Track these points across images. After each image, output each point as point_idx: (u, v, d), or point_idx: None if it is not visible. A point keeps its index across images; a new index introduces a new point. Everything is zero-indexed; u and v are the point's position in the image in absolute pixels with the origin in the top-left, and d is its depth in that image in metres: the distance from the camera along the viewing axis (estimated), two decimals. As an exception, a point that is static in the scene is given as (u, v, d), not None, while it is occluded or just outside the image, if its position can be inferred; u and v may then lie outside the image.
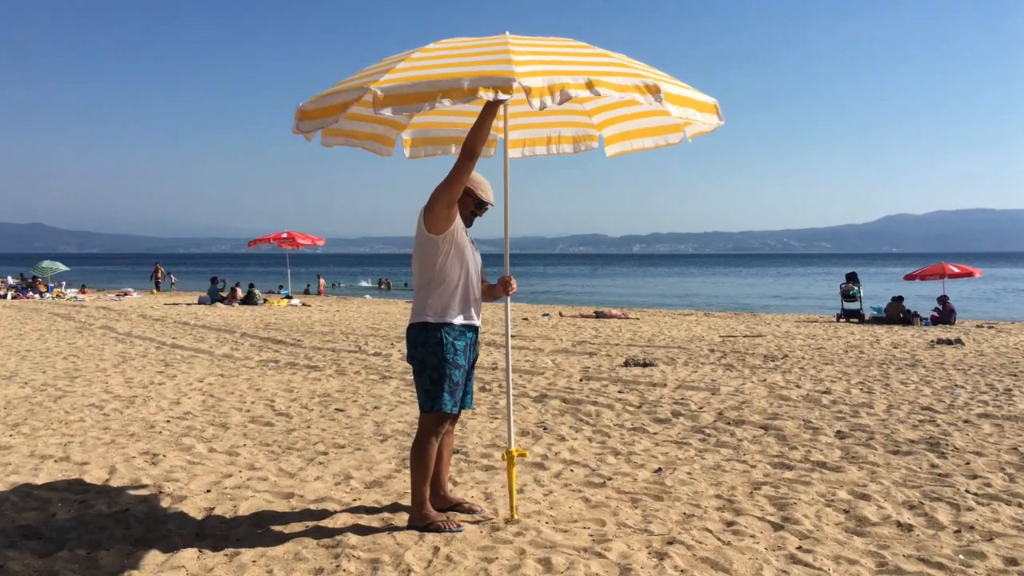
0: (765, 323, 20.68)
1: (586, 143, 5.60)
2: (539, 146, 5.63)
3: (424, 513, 4.33)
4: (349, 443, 6.35)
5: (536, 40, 4.29)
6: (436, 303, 4.29)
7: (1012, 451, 6.07)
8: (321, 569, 3.76)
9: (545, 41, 4.31)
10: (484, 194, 4.42)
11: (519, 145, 5.58)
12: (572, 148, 5.64)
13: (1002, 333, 17.35)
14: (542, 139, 5.61)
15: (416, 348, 4.32)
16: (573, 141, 5.63)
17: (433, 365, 4.25)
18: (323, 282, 39.28)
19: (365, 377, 9.83)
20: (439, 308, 4.28)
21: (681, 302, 37.65)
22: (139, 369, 10.38)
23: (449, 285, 4.30)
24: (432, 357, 4.25)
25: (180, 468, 5.55)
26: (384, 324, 18.11)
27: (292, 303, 26.06)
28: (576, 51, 4.26)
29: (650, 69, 4.27)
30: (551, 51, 4.15)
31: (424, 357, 4.27)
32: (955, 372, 10.46)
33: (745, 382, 9.51)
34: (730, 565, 3.82)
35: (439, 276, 4.29)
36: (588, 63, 4.05)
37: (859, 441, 6.43)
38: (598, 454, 6.04)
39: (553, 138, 5.61)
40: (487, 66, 3.81)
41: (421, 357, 4.29)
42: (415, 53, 4.19)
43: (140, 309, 22.28)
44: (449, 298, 4.30)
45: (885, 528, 4.39)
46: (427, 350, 4.26)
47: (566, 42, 4.39)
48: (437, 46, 4.32)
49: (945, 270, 23.35)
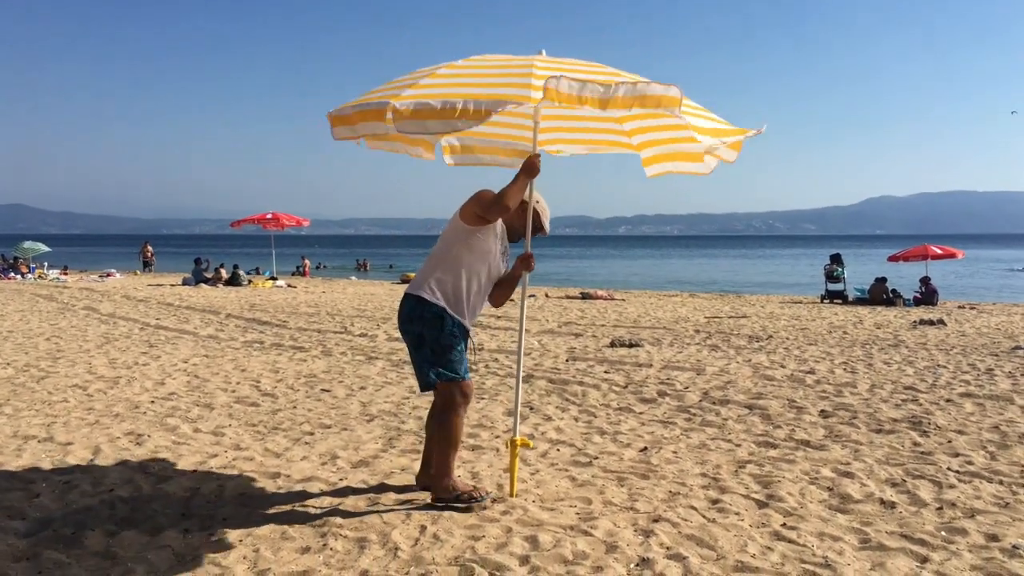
0: (750, 304, 20.78)
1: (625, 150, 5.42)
2: (579, 145, 5.51)
3: (448, 484, 4.30)
4: (335, 423, 6.34)
5: (566, 62, 4.22)
6: (439, 285, 4.26)
7: (993, 430, 6.13)
8: (308, 548, 3.76)
9: (576, 64, 4.23)
10: (545, 222, 4.52)
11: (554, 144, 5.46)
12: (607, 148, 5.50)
13: (983, 314, 17.51)
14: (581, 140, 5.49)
15: (412, 322, 4.27)
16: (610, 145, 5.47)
17: (433, 338, 4.21)
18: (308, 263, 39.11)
19: (351, 358, 9.81)
20: (441, 292, 4.25)
21: (667, 283, 37.73)
22: (123, 350, 10.31)
23: (458, 276, 4.26)
24: (431, 331, 4.21)
25: (165, 448, 5.53)
26: (370, 305, 18.07)
27: (277, 284, 25.94)
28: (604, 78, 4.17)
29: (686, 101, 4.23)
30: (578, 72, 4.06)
31: (422, 331, 4.23)
32: (937, 352, 10.55)
33: (730, 362, 9.56)
34: (715, 542, 3.86)
35: (452, 262, 4.27)
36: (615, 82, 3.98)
37: (842, 420, 6.48)
38: (584, 434, 6.06)
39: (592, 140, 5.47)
40: (507, 88, 3.79)
41: (419, 331, 4.24)
42: (442, 68, 4.15)
43: (123, 290, 22.11)
44: (452, 287, 4.26)
45: (868, 505, 4.44)
46: (424, 324, 4.23)
47: (597, 67, 4.30)
48: (465, 63, 4.28)
49: (928, 252, 23.51)
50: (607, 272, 52.95)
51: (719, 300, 22.69)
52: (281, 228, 30.61)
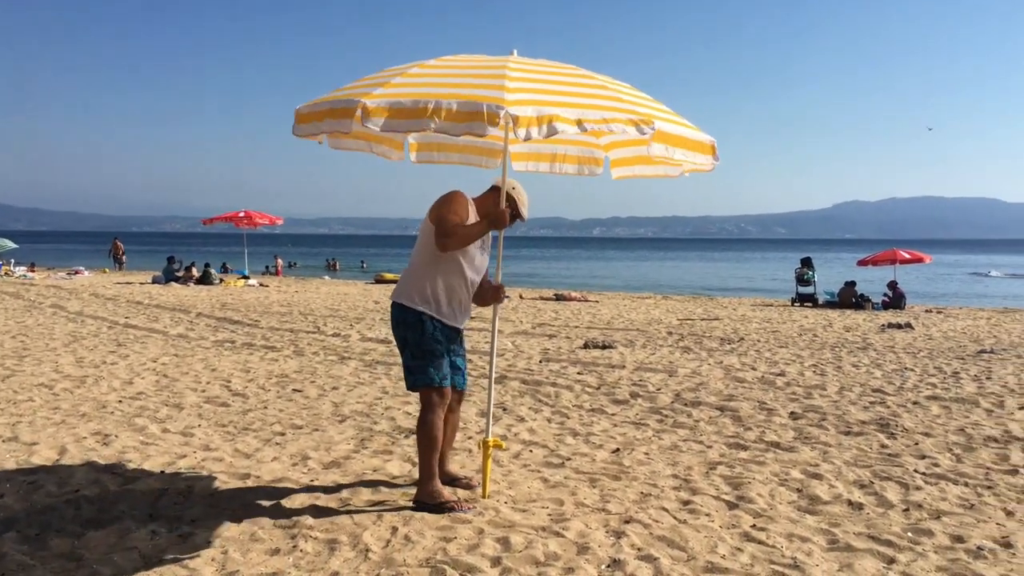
0: (722, 306, 20.93)
1: (590, 167, 5.47)
2: (543, 162, 5.52)
3: (432, 490, 4.30)
4: (307, 424, 6.30)
5: (537, 64, 4.22)
6: (422, 291, 4.27)
7: (959, 432, 6.22)
8: (277, 549, 3.73)
9: (546, 66, 4.23)
10: (524, 209, 4.48)
11: (523, 159, 5.50)
12: (576, 170, 5.51)
13: (950, 318, 17.77)
14: (547, 155, 5.51)
15: (398, 326, 4.34)
16: (578, 162, 5.49)
17: (415, 342, 4.26)
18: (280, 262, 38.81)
19: (324, 358, 9.75)
20: (421, 296, 4.27)
21: (640, 285, 37.90)
22: (91, 349, 10.18)
23: (435, 278, 4.27)
24: (413, 334, 4.26)
25: (133, 449, 5.46)
26: (343, 305, 17.97)
27: (249, 283, 25.73)
28: (576, 80, 4.16)
29: (652, 102, 4.22)
30: (549, 78, 4.07)
31: (406, 334, 4.29)
32: (905, 355, 10.69)
33: (702, 364, 9.62)
34: (686, 543, 3.88)
35: (429, 265, 4.28)
36: (584, 93, 3.97)
37: (812, 422, 6.54)
38: (557, 435, 6.07)
39: (558, 155, 5.49)
40: (479, 89, 3.76)
41: (403, 334, 4.31)
42: (413, 68, 4.14)
43: (92, 288, 21.82)
44: (435, 292, 4.28)
45: (836, 506, 4.48)
46: (407, 328, 4.28)
47: (568, 69, 4.30)
48: (437, 62, 4.27)
49: (896, 256, 23.80)
50: (581, 273, 53.10)
51: (692, 302, 22.83)
52: (254, 226, 30.33)
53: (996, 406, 7.20)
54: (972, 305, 25.23)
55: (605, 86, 4.17)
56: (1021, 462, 5.38)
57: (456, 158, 5.51)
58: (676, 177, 5.23)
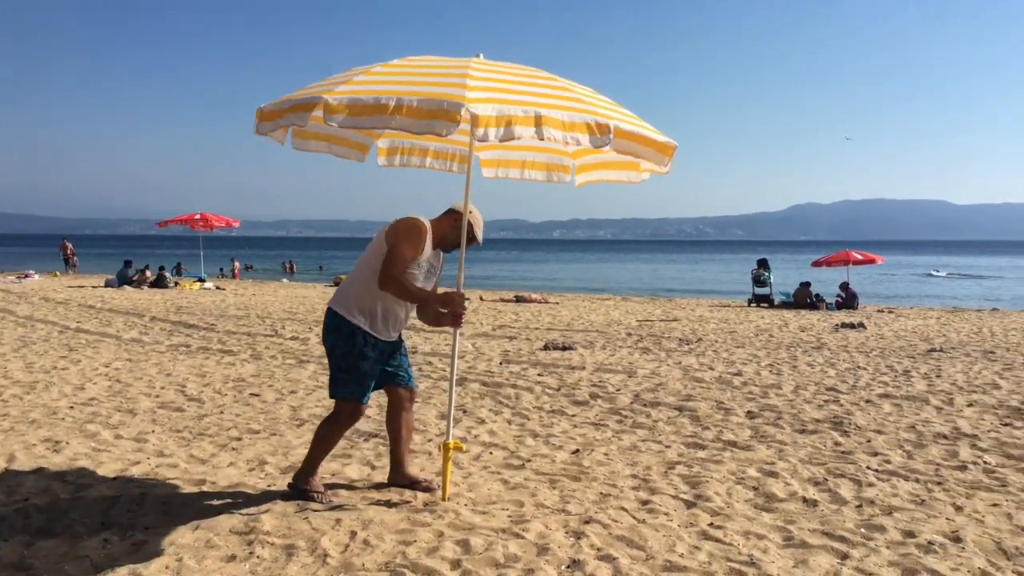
0: (680, 308, 21.13)
1: (559, 174, 5.47)
2: (513, 169, 5.50)
3: (309, 480, 4.47)
4: (264, 428, 6.23)
5: (500, 66, 4.22)
6: (361, 305, 4.28)
7: (910, 429, 6.35)
8: (234, 556, 3.68)
9: (509, 68, 4.23)
10: (478, 232, 4.47)
11: (492, 166, 5.48)
12: (544, 176, 5.48)
13: (901, 317, 18.14)
14: (516, 162, 5.49)
15: (329, 332, 4.36)
16: (546, 169, 5.48)
17: (343, 352, 4.29)
18: (237, 265, 38.33)
19: (282, 361, 9.65)
20: (360, 309, 4.29)
21: (599, 287, 38.10)
22: (41, 354, 9.95)
23: (375, 296, 4.28)
24: (343, 344, 4.28)
25: (84, 456, 5.34)
26: (302, 308, 17.80)
27: (205, 286, 25.36)
28: (537, 81, 4.15)
29: (613, 106, 4.24)
30: (511, 79, 4.07)
31: (336, 342, 4.32)
32: (858, 355, 10.89)
33: (661, 365, 9.70)
34: (645, 542, 3.90)
35: (373, 282, 4.26)
36: (545, 95, 3.96)
37: (768, 421, 6.64)
38: (517, 436, 6.08)
39: (528, 162, 5.47)
40: (441, 88, 3.75)
41: (333, 342, 4.34)
42: (376, 67, 4.12)
43: (42, 292, 21.34)
44: (374, 307, 4.29)
45: (792, 504, 4.55)
46: (338, 336, 4.30)
47: (530, 71, 4.30)
48: (400, 62, 4.26)
49: (849, 257, 24.23)
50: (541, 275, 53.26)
51: (651, 304, 23.01)
52: (210, 229, 29.87)
53: (945, 403, 7.37)
54: (922, 305, 25.82)
55: (567, 88, 4.19)
56: (970, 458, 5.51)
57: (426, 163, 5.48)
58: (637, 182, 5.27)
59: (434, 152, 5.47)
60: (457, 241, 4.43)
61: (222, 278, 33.59)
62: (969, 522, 4.28)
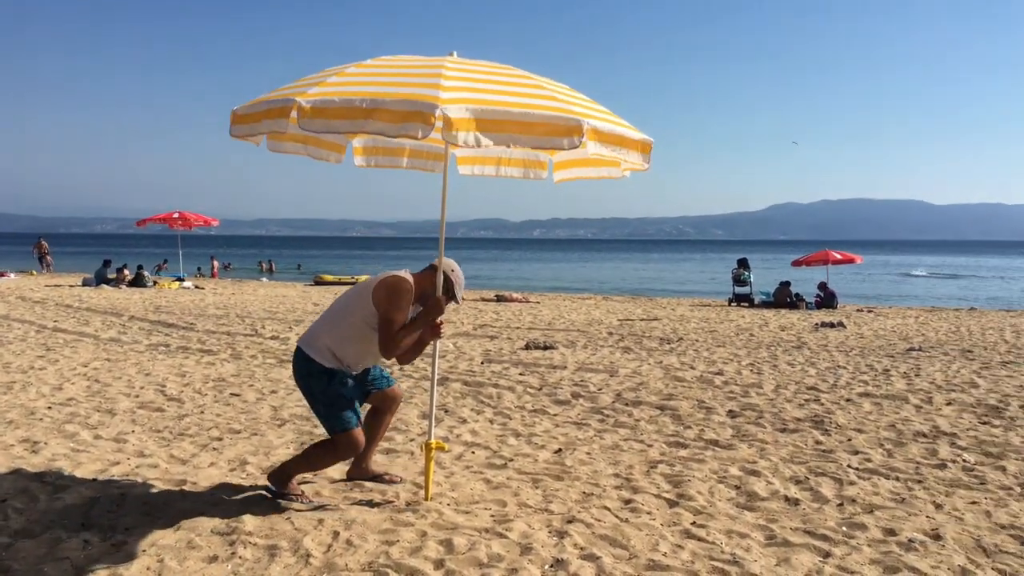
0: (661, 307, 21.20)
1: (535, 171, 5.46)
2: (488, 166, 5.49)
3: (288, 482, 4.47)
4: (245, 428, 6.19)
5: (475, 65, 4.19)
6: (335, 350, 4.25)
7: (890, 428, 6.41)
8: (215, 557, 3.66)
9: (484, 66, 4.20)
10: (459, 291, 4.45)
11: (468, 163, 5.46)
12: (521, 173, 5.48)
13: (880, 317, 18.29)
14: (492, 159, 5.47)
15: (302, 376, 4.31)
16: (523, 166, 5.47)
17: (320, 391, 4.25)
18: (216, 264, 38.07)
19: (262, 361, 9.59)
20: (334, 355, 4.25)
21: (580, 286, 38.17)
22: (17, 353, 9.83)
23: (349, 342, 4.26)
24: (318, 384, 4.25)
25: (63, 456, 5.29)
26: (282, 307, 17.71)
27: (184, 286, 25.17)
28: (512, 79, 4.11)
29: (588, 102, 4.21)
30: (486, 77, 4.03)
31: (310, 385, 4.28)
32: (838, 354, 10.97)
33: (642, 364, 9.73)
34: (628, 542, 3.91)
35: (348, 329, 4.25)
36: (521, 93, 3.93)
37: (749, 420, 6.67)
38: (499, 436, 6.07)
39: (503, 159, 5.46)
40: (414, 88, 3.71)
41: (307, 385, 4.30)
42: (351, 67, 4.08)
43: (18, 291, 21.10)
44: (347, 354, 4.28)
45: (773, 503, 4.57)
46: (311, 378, 4.26)
47: (505, 69, 4.26)
48: (374, 62, 4.22)
49: (829, 257, 24.41)
50: (522, 274, 53.25)
51: (631, 303, 23.08)
52: (189, 228, 29.66)
53: (925, 402, 7.44)
54: (901, 304, 26.06)
55: (542, 86, 4.15)
56: (949, 456, 5.56)
57: (402, 162, 5.46)
58: (619, 179, 5.26)
59: (410, 151, 5.45)
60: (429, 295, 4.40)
61: (199, 277, 33.33)
62: (949, 520, 4.32)
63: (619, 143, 4.07)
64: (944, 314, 19.80)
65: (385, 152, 5.44)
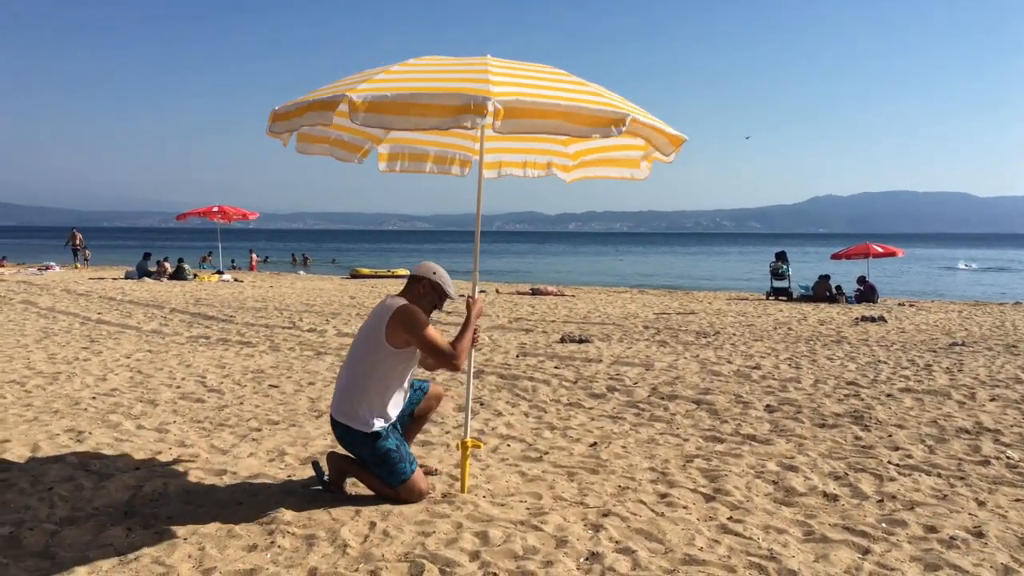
0: (697, 300, 21.04)
1: (558, 170, 5.62)
2: (515, 168, 5.64)
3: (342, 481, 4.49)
4: (283, 419, 6.27)
5: (514, 64, 4.24)
6: (374, 410, 4.25)
7: (932, 424, 6.31)
8: (255, 546, 3.71)
9: (523, 66, 4.26)
10: (451, 290, 4.43)
11: (494, 167, 5.59)
12: (545, 172, 5.64)
13: (922, 311, 17.98)
14: (518, 163, 5.62)
15: (349, 447, 4.34)
16: (547, 167, 5.63)
17: (370, 454, 4.26)
18: (255, 257, 38.53)
19: (299, 353, 9.70)
20: (376, 416, 4.25)
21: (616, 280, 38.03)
22: (63, 345, 10.05)
23: (385, 392, 4.28)
24: (367, 448, 4.26)
25: (107, 445, 5.40)
26: (319, 300, 17.88)
27: (224, 278, 25.52)
28: (553, 76, 4.19)
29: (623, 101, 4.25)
30: (529, 74, 4.10)
31: (359, 452, 4.30)
32: (878, 348, 10.81)
33: (678, 358, 9.67)
34: (664, 536, 3.90)
35: (379, 383, 4.26)
36: (564, 88, 4.00)
37: (787, 415, 6.60)
38: (534, 429, 6.08)
39: (529, 163, 5.62)
40: (465, 83, 3.75)
41: (358, 453, 4.32)
42: (395, 66, 4.13)
43: (63, 284, 21.55)
44: (386, 405, 4.29)
45: (812, 498, 4.53)
46: (358, 445, 4.28)
47: (543, 68, 4.33)
48: (417, 61, 4.28)
49: (870, 250, 24.05)
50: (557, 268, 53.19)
51: (668, 296, 22.94)
52: (228, 221, 30.06)
53: (968, 398, 7.30)
54: (944, 298, 25.58)
55: (582, 83, 4.22)
56: (992, 453, 5.46)
57: (426, 167, 5.54)
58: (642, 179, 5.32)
59: (434, 157, 5.56)
60: (431, 306, 4.42)
61: (235, 269, 33.73)
62: (992, 517, 4.25)
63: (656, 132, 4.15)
64: (988, 308, 19.41)
65: (408, 158, 5.52)
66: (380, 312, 4.25)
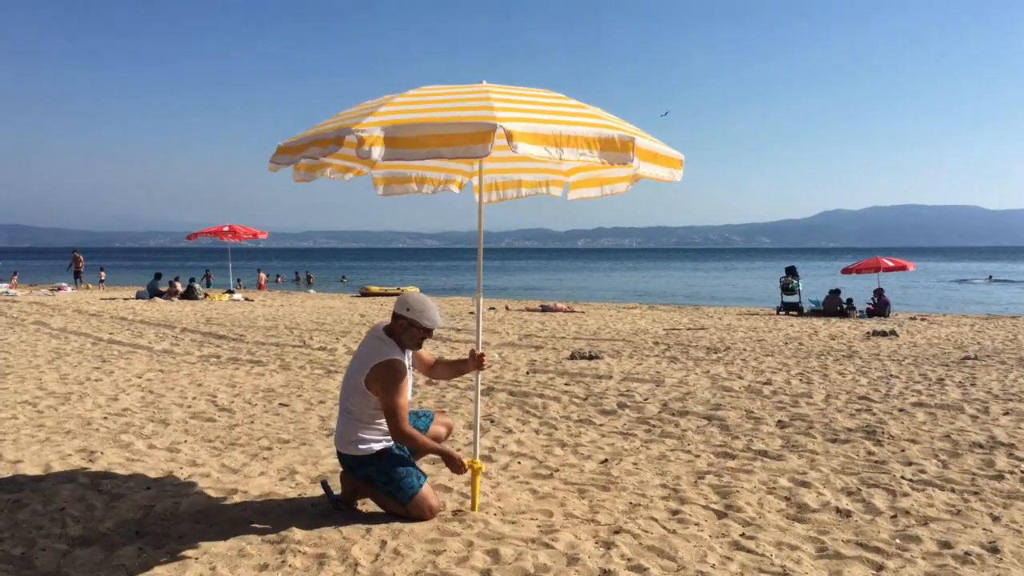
0: (708, 316, 21.00)
1: (552, 188, 5.73)
2: (509, 189, 5.74)
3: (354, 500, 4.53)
4: (294, 438, 6.27)
5: (513, 89, 4.28)
6: (368, 436, 4.32)
7: (945, 438, 6.26)
8: (266, 565, 3.71)
9: (522, 91, 4.29)
10: (429, 323, 4.36)
11: (488, 189, 5.66)
12: (535, 191, 5.76)
13: (934, 325, 17.89)
14: (512, 183, 5.73)
15: (355, 470, 4.37)
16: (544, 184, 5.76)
17: (378, 472, 4.30)
18: (264, 276, 38.67)
19: (310, 372, 9.71)
20: (368, 442, 4.32)
21: (626, 296, 37.98)
22: (74, 365, 10.10)
23: (378, 423, 4.33)
24: (374, 468, 4.31)
25: (118, 465, 5.41)
26: (329, 319, 17.92)
27: (234, 298, 25.62)
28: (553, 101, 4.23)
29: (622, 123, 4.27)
30: (530, 99, 4.14)
31: (367, 472, 4.33)
32: (890, 363, 10.75)
33: (689, 374, 9.64)
34: (675, 553, 3.88)
35: (369, 418, 4.32)
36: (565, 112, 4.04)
37: (799, 430, 6.57)
38: (545, 446, 6.07)
39: (524, 182, 5.73)
40: (470, 111, 3.78)
41: (364, 474, 4.34)
42: (396, 98, 4.14)
43: (75, 304, 21.67)
44: (376, 435, 4.34)
45: (825, 514, 4.50)
46: (364, 466, 4.32)
47: (543, 92, 4.37)
48: (418, 92, 4.29)
49: (880, 264, 23.98)
50: (566, 284, 53.19)
51: (677, 312, 22.89)
52: (238, 240, 30.23)
53: (981, 412, 7.26)
54: (956, 312, 25.45)
55: (582, 106, 4.25)
56: (1006, 467, 5.42)
57: (423, 189, 5.65)
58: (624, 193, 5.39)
59: (431, 180, 5.65)
60: (415, 341, 4.39)
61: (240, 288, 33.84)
62: (1007, 532, 4.21)
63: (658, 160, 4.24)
64: (1001, 321, 19.30)
65: (404, 181, 5.67)
66: (367, 352, 4.31)
